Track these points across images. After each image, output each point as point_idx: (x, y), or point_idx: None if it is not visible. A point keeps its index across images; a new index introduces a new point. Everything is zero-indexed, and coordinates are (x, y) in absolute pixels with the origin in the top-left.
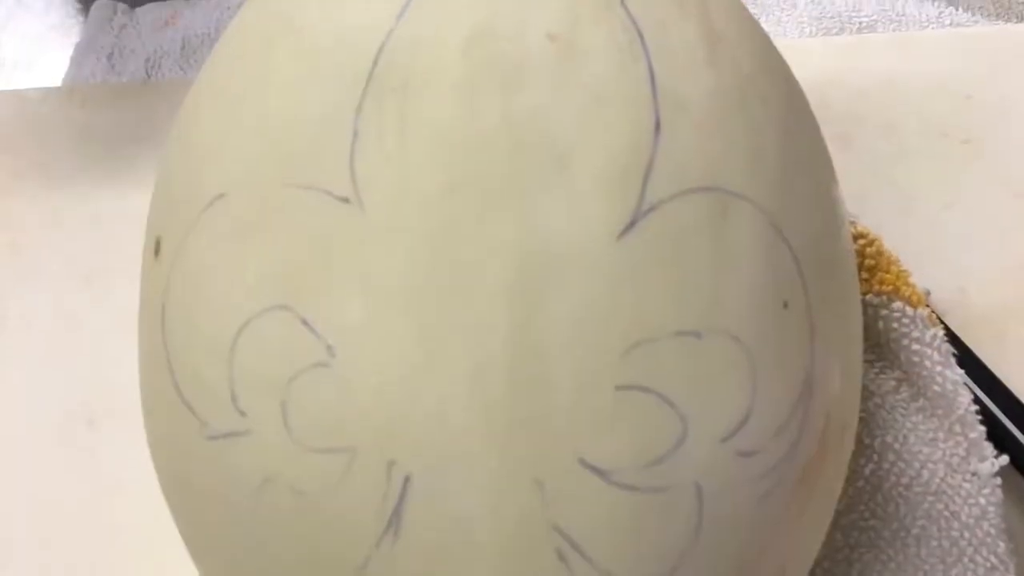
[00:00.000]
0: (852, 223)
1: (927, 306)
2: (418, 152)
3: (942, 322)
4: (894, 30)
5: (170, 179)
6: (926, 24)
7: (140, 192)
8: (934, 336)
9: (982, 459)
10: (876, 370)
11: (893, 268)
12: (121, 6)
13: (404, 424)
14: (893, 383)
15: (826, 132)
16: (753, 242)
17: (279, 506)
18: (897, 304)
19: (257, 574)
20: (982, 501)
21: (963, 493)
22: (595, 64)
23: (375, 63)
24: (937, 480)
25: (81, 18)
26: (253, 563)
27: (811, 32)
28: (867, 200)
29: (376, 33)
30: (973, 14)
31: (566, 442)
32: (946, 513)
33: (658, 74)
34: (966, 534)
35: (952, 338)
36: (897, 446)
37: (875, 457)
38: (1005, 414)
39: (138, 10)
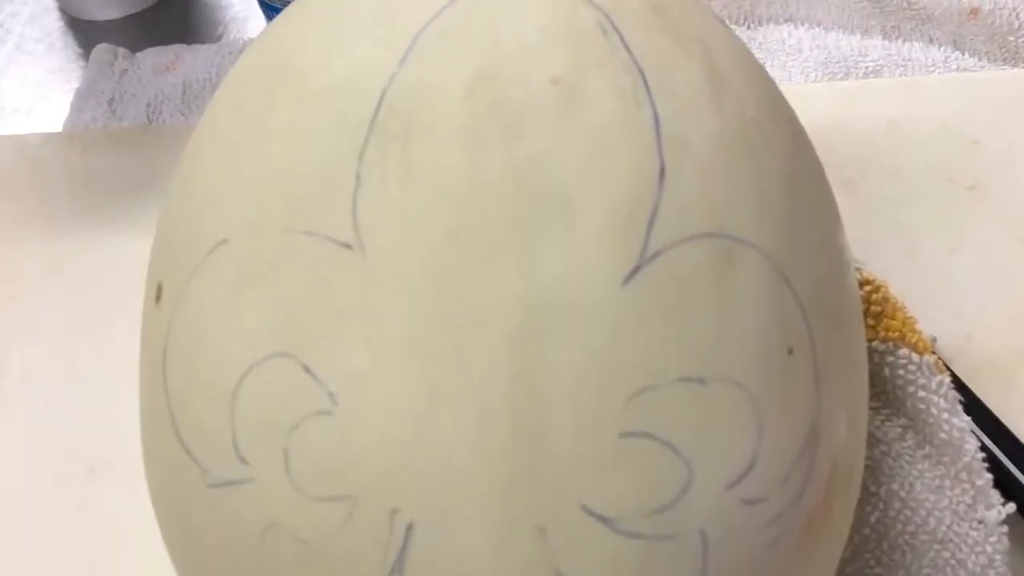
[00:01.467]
0: (858, 269)
1: (933, 353)
2: (421, 198)
3: (948, 369)
4: (900, 74)
5: (172, 224)
6: (932, 68)
7: (141, 238)
8: (940, 383)
9: (989, 507)
10: (882, 417)
11: (899, 314)
12: (122, 51)
13: (406, 472)
14: (899, 430)
15: (831, 177)
16: (758, 288)
17: (281, 555)
18: (903, 351)
19: None
20: (989, 549)
21: (970, 541)
22: (599, 109)
23: (378, 108)
24: (943, 528)
25: (82, 63)
26: None
27: (816, 76)
28: (872, 246)
29: (379, 78)
30: (980, 59)
31: (569, 489)
32: (952, 561)
33: (662, 119)
34: None
35: (958, 385)
36: (903, 494)
37: (881, 505)
38: (1012, 461)
39: (139, 55)
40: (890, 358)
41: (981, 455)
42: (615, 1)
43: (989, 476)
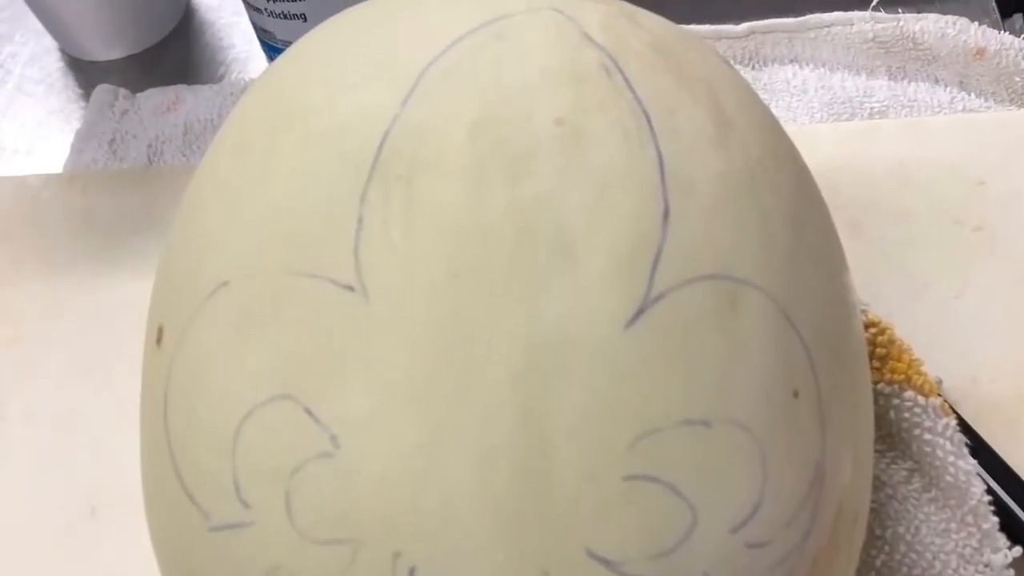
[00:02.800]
0: (863, 311)
1: (939, 395)
2: (423, 239)
3: (954, 411)
4: (906, 115)
5: (173, 266)
6: (938, 110)
7: (142, 280)
8: (946, 426)
9: (995, 550)
10: (888, 460)
11: (905, 357)
12: (123, 91)
13: (409, 515)
14: (905, 473)
15: (836, 218)
16: (762, 330)
17: None
18: (909, 393)
19: None
20: None
21: None
22: (603, 149)
23: (380, 149)
24: (950, 572)
25: (82, 103)
26: None
27: (821, 117)
28: (878, 287)
29: (381, 119)
30: (986, 100)
31: (573, 533)
32: None
33: (667, 159)
34: None
35: (965, 428)
36: (909, 537)
37: (887, 548)
38: (1019, 505)
39: (140, 95)
40: (896, 400)
41: (987, 498)
42: (619, 42)
43: (995, 519)
